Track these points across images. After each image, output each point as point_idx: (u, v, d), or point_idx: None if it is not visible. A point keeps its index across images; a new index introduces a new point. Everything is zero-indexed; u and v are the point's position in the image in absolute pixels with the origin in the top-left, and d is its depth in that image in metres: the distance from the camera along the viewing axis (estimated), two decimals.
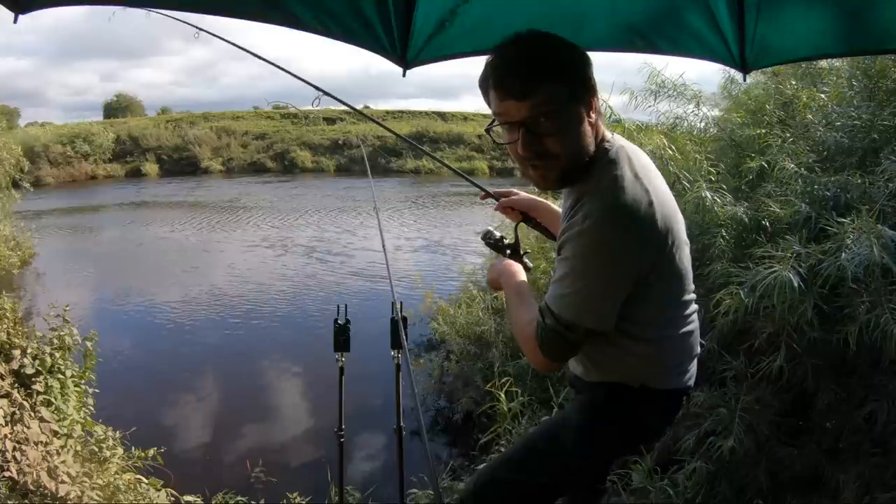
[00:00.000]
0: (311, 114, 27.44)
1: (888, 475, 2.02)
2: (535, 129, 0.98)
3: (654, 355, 1.17)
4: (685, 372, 1.24)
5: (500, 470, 1.35)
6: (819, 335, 2.15)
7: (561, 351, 1.08)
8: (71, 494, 2.19)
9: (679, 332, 1.19)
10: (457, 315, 4.94)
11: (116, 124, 26.55)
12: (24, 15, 1.06)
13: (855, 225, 2.06)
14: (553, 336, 1.05)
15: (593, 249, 0.98)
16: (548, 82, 0.96)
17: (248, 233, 11.78)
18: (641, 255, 1.01)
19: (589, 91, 1.01)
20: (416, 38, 1.36)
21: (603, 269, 1.00)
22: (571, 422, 1.32)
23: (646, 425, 1.28)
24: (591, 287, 1.00)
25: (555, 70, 0.97)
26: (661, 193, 1.05)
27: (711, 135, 3.32)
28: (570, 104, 0.99)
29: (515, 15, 1.32)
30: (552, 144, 1.00)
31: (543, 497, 1.31)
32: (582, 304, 1.01)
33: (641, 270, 1.02)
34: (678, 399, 1.29)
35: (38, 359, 2.72)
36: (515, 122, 0.99)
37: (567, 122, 0.99)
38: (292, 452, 4.12)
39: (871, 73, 2.73)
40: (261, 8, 1.21)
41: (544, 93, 0.96)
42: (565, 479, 1.30)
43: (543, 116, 0.97)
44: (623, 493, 2.47)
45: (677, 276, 1.12)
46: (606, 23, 1.36)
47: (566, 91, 0.98)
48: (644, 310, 1.09)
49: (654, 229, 1.00)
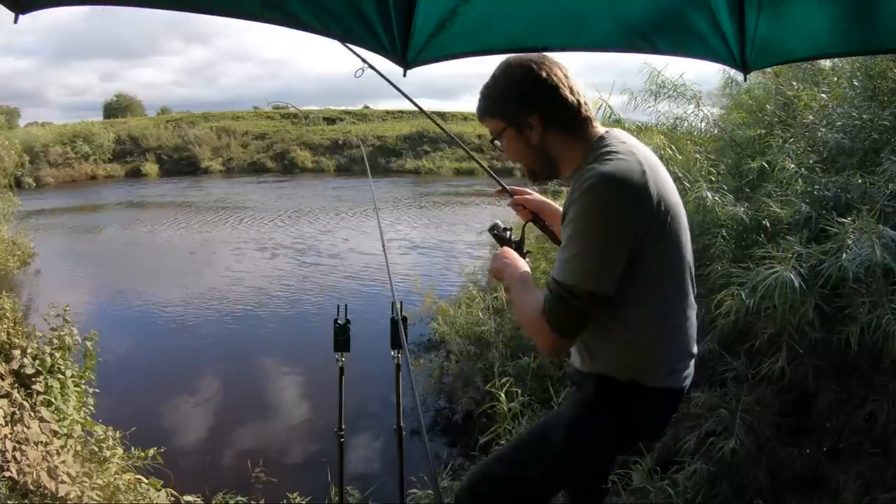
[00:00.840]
0: (310, 114, 27.48)
1: (888, 475, 2.02)
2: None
3: (648, 346, 1.18)
4: (679, 371, 1.24)
5: (494, 466, 1.38)
6: (820, 336, 2.14)
7: (568, 321, 1.10)
8: (71, 494, 2.19)
9: (674, 325, 1.20)
10: (457, 315, 4.94)
11: (116, 124, 26.56)
12: (25, 15, 1.06)
13: (856, 225, 2.06)
14: (559, 305, 1.08)
15: (591, 211, 1.07)
16: (488, 116, 1.24)
17: (249, 233, 11.78)
18: (636, 218, 1.08)
19: (530, 112, 1.18)
20: (416, 38, 1.35)
21: (601, 230, 1.07)
22: (563, 419, 1.35)
23: (638, 423, 1.28)
24: (590, 248, 1.07)
25: (492, 108, 1.23)
26: (657, 171, 1.14)
27: (712, 135, 3.32)
28: (510, 129, 1.21)
29: (516, 15, 1.31)
30: (510, 154, 1.25)
31: (536, 493, 1.32)
32: (581, 267, 1.07)
33: (637, 234, 1.08)
34: (673, 399, 1.28)
35: (38, 359, 2.72)
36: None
37: (511, 141, 1.23)
38: (292, 452, 4.12)
39: (872, 74, 2.73)
40: (261, 8, 1.21)
41: (488, 124, 1.25)
42: (557, 475, 1.32)
43: (496, 138, 1.25)
44: (623, 493, 2.47)
45: (674, 253, 1.16)
46: (607, 23, 1.36)
47: (502, 123, 1.22)
48: (640, 284, 1.12)
49: (647, 195, 1.08)
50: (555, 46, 1.32)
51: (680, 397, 1.29)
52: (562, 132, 1.19)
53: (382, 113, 29.95)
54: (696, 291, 1.25)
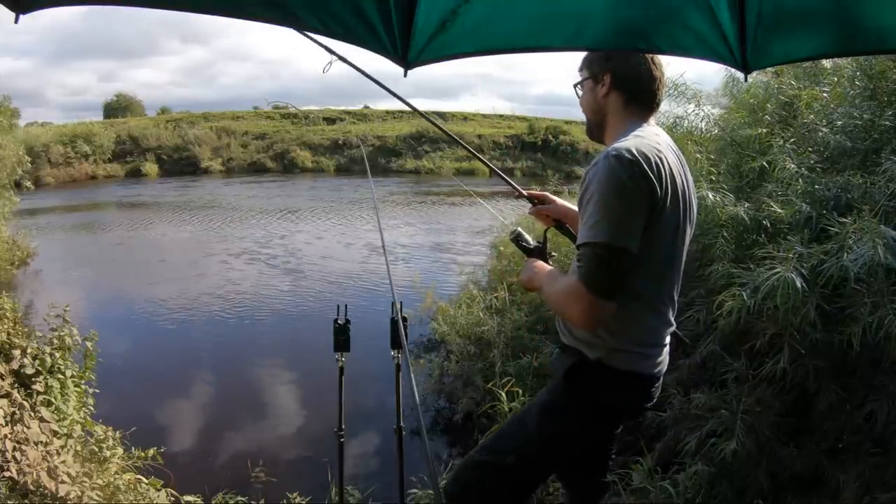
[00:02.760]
0: (310, 114, 27.48)
1: (888, 475, 2.02)
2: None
3: (618, 325, 1.22)
4: (649, 357, 1.28)
5: (477, 454, 1.43)
6: (821, 336, 2.14)
7: (605, 279, 1.14)
8: (71, 494, 2.18)
9: (649, 307, 1.25)
10: (457, 315, 4.93)
11: (116, 124, 26.57)
12: (25, 15, 1.06)
13: (857, 225, 2.05)
14: (595, 265, 1.13)
15: (610, 181, 1.15)
16: (581, 66, 1.42)
17: (248, 234, 11.78)
18: (647, 190, 1.16)
19: (606, 70, 1.36)
20: (417, 38, 1.35)
21: (621, 195, 1.15)
22: (536, 404, 1.40)
23: (607, 406, 1.32)
24: (615, 209, 1.15)
25: (586, 59, 1.41)
26: (673, 165, 1.23)
27: (712, 135, 3.32)
28: (589, 80, 1.40)
29: (516, 15, 1.31)
30: (582, 103, 1.44)
31: (516, 479, 1.35)
32: (611, 225, 1.13)
33: (650, 204, 1.16)
34: (643, 383, 1.31)
35: (38, 359, 2.71)
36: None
37: (586, 91, 1.42)
38: (292, 452, 4.11)
39: (872, 74, 2.73)
40: (261, 8, 1.21)
41: (580, 73, 1.43)
42: (533, 460, 1.35)
43: (577, 85, 1.44)
44: (623, 493, 2.47)
45: (658, 244, 1.22)
46: (607, 22, 1.36)
47: (586, 73, 1.41)
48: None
49: (654, 177, 1.17)
50: (556, 46, 1.32)
51: (651, 383, 1.32)
52: (624, 102, 1.34)
53: (382, 113, 29.96)
54: (679, 288, 1.28)
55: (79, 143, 22.25)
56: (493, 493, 1.35)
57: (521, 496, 1.41)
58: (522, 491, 1.40)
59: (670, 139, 1.34)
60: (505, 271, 5.30)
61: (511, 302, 4.66)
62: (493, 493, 1.35)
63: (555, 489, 2.73)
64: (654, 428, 2.78)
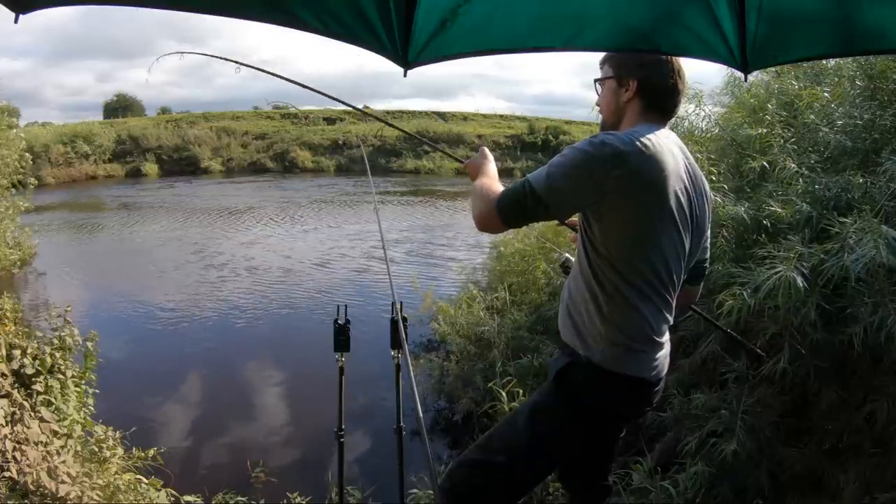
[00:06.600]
0: (310, 114, 27.45)
1: (888, 475, 2.02)
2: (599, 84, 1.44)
3: (609, 316, 1.23)
4: (644, 354, 1.26)
5: (470, 453, 1.42)
6: (822, 336, 2.14)
7: (515, 210, 1.26)
8: (71, 494, 2.18)
9: (638, 304, 1.24)
10: (457, 315, 4.93)
11: (116, 124, 26.51)
12: (25, 14, 1.06)
13: (857, 225, 2.05)
14: (518, 197, 1.24)
15: (572, 150, 1.23)
16: (607, 63, 1.42)
17: (249, 232, 11.78)
18: (606, 169, 1.19)
19: (635, 77, 1.36)
20: (417, 38, 1.35)
21: (571, 161, 1.22)
22: (528, 404, 1.41)
23: (596, 409, 1.31)
24: (558, 168, 1.22)
25: (615, 57, 1.40)
26: (668, 162, 1.23)
27: (713, 134, 3.32)
28: (613, 80, 1.39)
29: (516, 15, 1.31)
30: (601, 100, 1.44)
31: (506, 478, 1.35)
32: (547, 177, 1.22)
33: (606, 183, 1.19)
34: (637, 387, 1.29)
35: (38, 359, 2.71)
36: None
37: (607, 90, 1.41)
38: (292, 452, 4.11)
39: (872, 74, 2.73)
40: (261, 8, 1.21)
41: (602, 68, 1.44)
42: (523, 461, 1.34)
43: (598, 81, 1.44)
44: (623, 493, 2.47)
45: (646, 244, 1.23)
46: (607, 22, 1.36)
47: (612, 72, 1.40)
48: (607, 231, 1.23)
49: (627, 162, 1.19)
50: (556, 46, 1.32)
51: (647, 387, 1.30)
52: (643, 108, 1.36)
53: (382, 113, 29.93)
54: (675, 290, 1.27)
55: (79, 143, 22.22)
56: (484, 491, 1.35)
57: (513, 496, 1.40)
58: (515, 491, 1.39)
59: (681, 143, 1.36)
60: (505, 271, 5.30)
61: (511, 302, 4.66)
62: (484, 492, 1.35)
63: (555, 489, 2.73)
64: (654, 428, 2.78)
